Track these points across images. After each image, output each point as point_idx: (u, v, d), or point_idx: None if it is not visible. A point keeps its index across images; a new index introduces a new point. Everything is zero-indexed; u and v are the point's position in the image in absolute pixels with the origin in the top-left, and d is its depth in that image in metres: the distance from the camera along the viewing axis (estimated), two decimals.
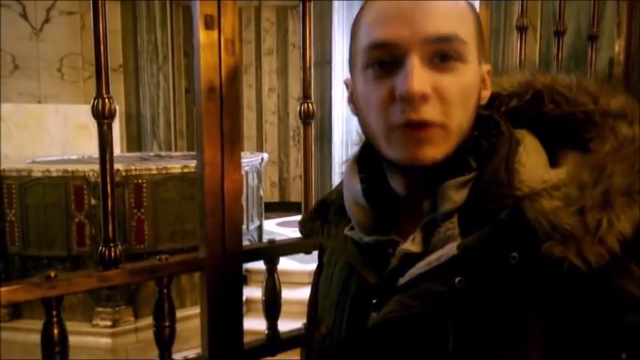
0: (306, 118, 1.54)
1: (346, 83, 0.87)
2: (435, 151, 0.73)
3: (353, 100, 0.84)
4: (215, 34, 1.32)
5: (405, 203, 0.83)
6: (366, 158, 0.88)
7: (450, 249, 0.72)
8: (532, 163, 0.76)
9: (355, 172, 0.87)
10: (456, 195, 0.75)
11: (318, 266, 1.07)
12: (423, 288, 0.74)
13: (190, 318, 3.10)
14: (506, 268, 0.69)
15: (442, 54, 0.72)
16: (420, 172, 0.77)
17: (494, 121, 0.82)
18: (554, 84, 0.84)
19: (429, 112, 0.71)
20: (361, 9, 0.81)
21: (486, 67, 0.81)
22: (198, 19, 1.30)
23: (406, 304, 0.75)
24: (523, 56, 1.79)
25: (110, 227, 1.29)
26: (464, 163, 0.77)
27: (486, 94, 0.82)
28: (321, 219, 0.96)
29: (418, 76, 0.71)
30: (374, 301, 0.80)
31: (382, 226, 0.83)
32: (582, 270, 0.65)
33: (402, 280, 0.76)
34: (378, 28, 0.75)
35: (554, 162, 0.78)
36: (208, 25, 1.31)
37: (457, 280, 0.71)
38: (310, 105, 1.53)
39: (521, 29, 1.81)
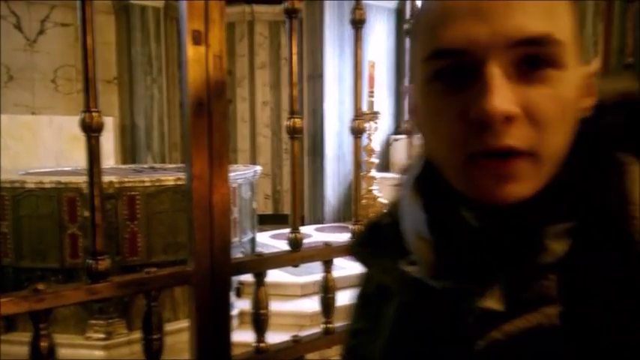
0: (293, 133, 1.56)
1: (407, 92, 0.71)
2: (523, 187, 0.57)
3: (416, 114, 0.67)
4: (203, 49, 1.34)
5: (479, 236, 0.64)
6: (429, 178, 0.70)
7: (549, 316, 0.56)
8: None
9: (417, 198, 0.70)
10: (556, 245, 0.58)
11: (363, 295, 0.88)
12: (512, 357, 0.59)
13: (184, 330, 3.09)
14: (625, 350, 0.53)
15: (532, 60, 0.55)
16: (501, 213, 0.60)
17: (603, 145, 0.63)
18: None
19: (516, 136, 0.55)
20: (422, 5, 0.65)
21: (592, 67, 0.62)
22: (185, 34, 1.31)
23: None
24: None
25: (98, 240, 1.29)
26: (567, 204, 0.60)
27: (589, 102, 0.62)
28: (373, 247, 0.80)
29: (500, 91, 0.54)
30: None
31: (454, 266, 0.65)
32: None
33: (481, 344, 0.60)
34: (443, 29, 0.57)
35: None
36: (196, 40, 1.32)
37: (556, 355, 0.56)
38: (297, 120, 1.55)
39: None
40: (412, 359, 0.70)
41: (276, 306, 1.61)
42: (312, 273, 4.50)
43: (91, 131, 1.24)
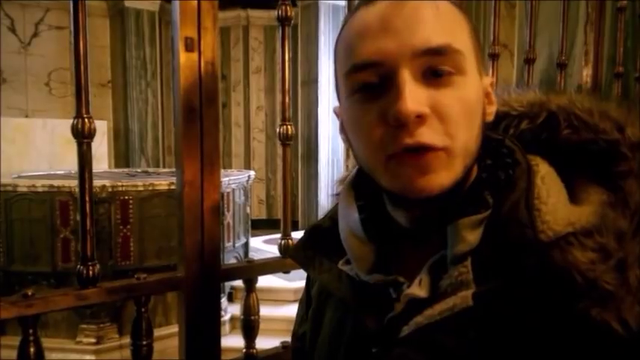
0: (285, 140, 1.56)
1: (335, 112, 0.78)
2: (440, 178, 0.63)
3: (344, 130, 0.75)
4: (195, 56, 1.34)
5: (407, 235, 0.74)
6: (363, 183, 0.78)
7: (464, 298, 0.63)
8: (554, 199, 0.66)
9: (352, 200, 0.78)
10: (470, 235, 0.65)
11: (306, 298, 0.96)
12: (432, 341, 0.65)
13: (176, 335, 3.08)
14: (529, 325, 0.61)
15: (436, 68, 0.63)
16: (426, 205, 0.67)
17: (508, 148, 0.72)
18: (572, 107, 0.74)
19: (427, 134, 0.62)
20: (341, 28, 0.72)
21: (488, 80, 0.72)
22: (178, 41, 1.31)
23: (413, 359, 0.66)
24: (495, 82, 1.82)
25: (88, 246, 1.29)
26: (479, 198, 0.68)
27: (492, 109, 0.73)
28: (313, 249, 0.85)
29: (411, 94, 0.61)
30: (373, 350, 0.71)
31: (383, 261, 0.73)
32: (621, 334, 0.57)
33: (406, 329, 0.67)
34: (360, 47, 0.66)
35: (571, 196, 0.68)
36: (188, 47, 1.32)
37: (472, 334, 0.63)
38: (289, 127, 1.55)
39: (494, 56, 1.84)
40: (348, 354, 0.76)
41: (268, 311, 1.61)
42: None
43: (83, 137, 1.24)
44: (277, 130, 1.57)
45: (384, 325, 0.70)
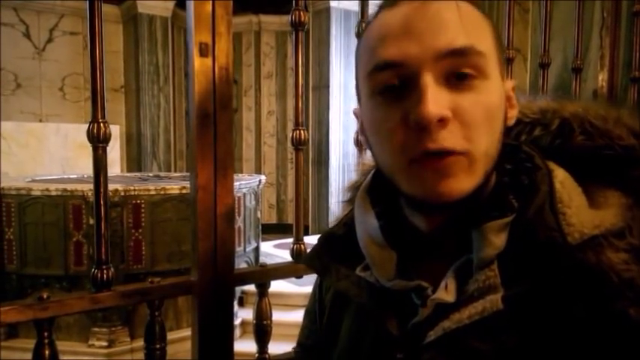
0: (298, 145, 1.56)
1: (355, 114, 0.78)
2: (461, 183, 0.63)
3: (364, 132, 0.74)
4: (209, 61, 1.34)
5: (427, 240, 0.73)
6: (379, 189, 0.78)
7: (494, 302, 0.62)
8: (576, 203, 0.66)
9: (369, 206, 0.78)
10: (496, 239, 0.65)
11: (319, 307, 0.94)
12: (463, 345, 0.65)
13: (186, 339, 3.09)
14: (561, 326, 0.61)
15: (459, 70, 0.63)
16: (445, 210, 0.68)
17: (526, 153, 0.73)
18: (586, 114, 0.74)
19: (449, 139, 0.62)
20: (364, 30, 0.73)
21: (510, 83, 0.72)
22: (193, 46, 1.32)
23: None
24: None
25: (103, 249, 1.29)
26: (503, 202, 0.68)
27: (513, 113, 0.72)
28: (328, 256, 0.83)
29: (434, 98, 0.61)
30: (398, 355, 0.70)
31: (404, 267, 0.73)
32: None
33: (432, 335, 0.66)
34: (382, 48, 0.65)
35: (588, 200, 0.68)
36: (203, 52, 1.33)
37: (503, 337, 0.62)
38: (302, 132, 1.56)
39: (509, 60, 1.83)
40: (369, 357, 0.76)
41: (278, 316, 1.60)
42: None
43: (98, 142, 1.25)
44: (290, 134, 1.57)
45: (408, 331, 0.70)
